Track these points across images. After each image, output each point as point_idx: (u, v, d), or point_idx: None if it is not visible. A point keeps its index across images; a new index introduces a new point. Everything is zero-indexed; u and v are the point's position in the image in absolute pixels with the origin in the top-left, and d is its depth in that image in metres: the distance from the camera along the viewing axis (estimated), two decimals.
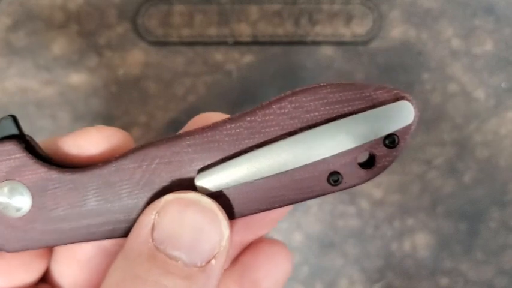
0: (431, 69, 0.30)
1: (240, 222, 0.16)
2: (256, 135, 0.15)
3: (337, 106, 0.15)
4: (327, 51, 0.30)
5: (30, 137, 0.17)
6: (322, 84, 0.15)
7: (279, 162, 0.15)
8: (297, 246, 0.30)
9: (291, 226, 0.30)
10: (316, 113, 0.15)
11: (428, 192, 0.30)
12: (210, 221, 0.15)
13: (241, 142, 0.15)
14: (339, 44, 0.30)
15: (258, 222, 0.19)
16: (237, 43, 0.30)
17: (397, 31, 0.30)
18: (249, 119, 0.15)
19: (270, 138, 0.15)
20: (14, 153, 0.16)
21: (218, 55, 0.31)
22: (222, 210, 0.15)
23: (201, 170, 0.16)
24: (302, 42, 0.30)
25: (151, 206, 0.15)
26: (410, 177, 0.30)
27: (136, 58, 0.31)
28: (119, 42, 0.31)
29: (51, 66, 0.30)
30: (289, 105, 0.15)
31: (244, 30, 0.30)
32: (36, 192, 0.16)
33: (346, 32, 0.30)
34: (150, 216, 0.15)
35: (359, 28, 0.30)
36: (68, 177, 0.16)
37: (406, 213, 0.30)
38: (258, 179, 0.15)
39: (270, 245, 0.19)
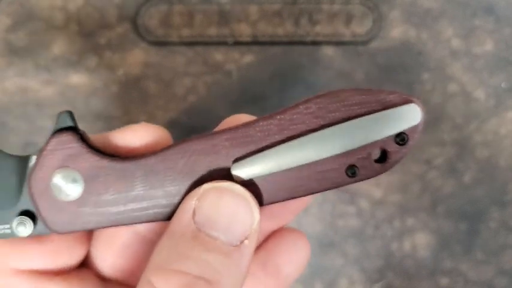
0: (431, 69, 0.30)
1: (264, 212, 0.18)
2: (285, 131, 0.18)
3: (355, 107, 0.18)
4: (327, 51, 0.30)
5: (84, 131, 0.18)
6: (343, 89, 0.18)
7: (304, 155, 0.17)
8: None
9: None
10: (337, 113, 0.18)
11: (428, 192, 0.30)
12: (243, 206, 0.17)
13: (272, 137, 0.18)
14: (339, 44, 0.30)
15: (281, 213, 0.21)
16: (237, 43, 0.30)
17: (397, 31, 0.30)
18: (278, 117, 0.18)
19: (296, 134, 0.18)
20: (70, 142, 0.18)
21: (218, 55, 0.31)
22: (253, 197, 0.17)
23: (236, 160, 0.18)
24: (302, 42, 0.30)
25: (192, 193, 0.17)
26: (410, 177, 0.30)
27: (137, 58, 0.31)
28: (119, 43, 0.31)
29: (51, 66, 0.30)
30: (314, 106, 0.18)
31: (244, 30, 0.30)
32: (88, 179, 0.18)
33: (346, 32, 0.30)
34: (191, 202, 0.17)
35: (359, 28, 0.30)
36: (118, 165, 0.18)
37: (406, 213, 0.30)
38: (286, 170, 0.18)
39: (291, 234, 0.21)
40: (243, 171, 0.17)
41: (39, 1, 0.30)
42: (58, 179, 0.18)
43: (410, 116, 0.17)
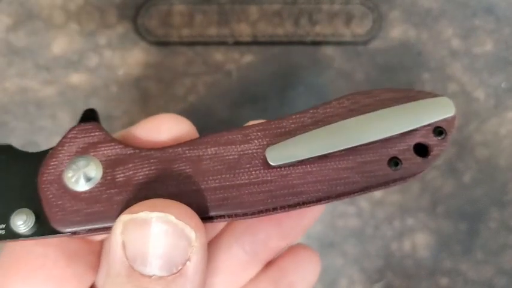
0: (431, 69, 0.30)
1: (274, 231, 0.18)
2: (319, 123, 0.17)
3: (388, 102, 0.17)
4: (327, 51, 0.30)
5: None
6: (374, 89, 0.18)
7: (342, 139, 0.17)
8: None
9: None
10: (372, 107, 0.17)
11: (428, 192, 0.30)
12: (169, 231, 0.15)
13: (306, 128, 0.17)
14: (339, 44, 0.30)
15: (293, 230, 0.20)
16: (237, 43, 0.30)
17: (397, 31, 0.30)
18: (312, 111, 0.17)
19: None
20: (94, 131, 0.17)
21: (218, 55, 0.30)
22: (186, 214, 0.15)
23: (270, 145, 0.17)
24: (302, 42, 0.30)
25: (114, 226, 0.15)
26: None
27: (137, 58, 0.30)
28: (119, 42, 0.30)
29: (51, 66, 0.30)
30: (347, 102, 0.17)
31: (244, 30, 0.30)
32: (108, 167, 0.17)
33: (346, 32, 0.30)
34: (117, 236, 0.15)
35: (359, 28, 0.30)
36: (143, 153, 0.17)
37: (406, 213, 0.30)
38: (324, 157, 0.17)
39: (304, 251, 0.21)
40: (279, 153, 0.16)
41: (39, 1, 0.30)
42: (75, 165, 0.16)
43: (443, 109, 0.17)
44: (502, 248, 0.30)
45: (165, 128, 0.18)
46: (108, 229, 0.16)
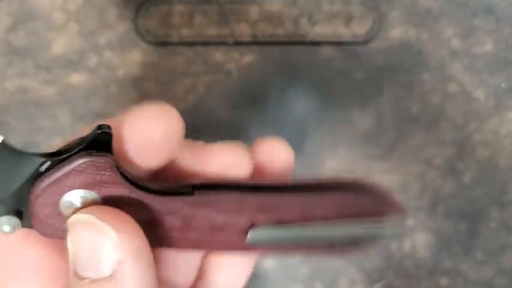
0: (431, 69, 0.30)
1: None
2: (310, 218, 0.19)
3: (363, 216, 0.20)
4: (327, 51, 0.31)
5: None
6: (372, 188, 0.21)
7: (313, 239, 0.19)
8: None
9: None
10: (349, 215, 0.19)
11: (428, 192, 0.30)
12: (96, 233, 0.15)
13: (296, 213, 0.19)
14: (339, 44, 0.31)
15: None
16: (237, 43, 0.31)
17: (397, 31, 0.31)
18: (304, 197, 0.19)
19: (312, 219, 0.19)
20: (105, 170, 0.16)
21: (218, 55, 0.31)
22: (109, 215, 0.15)
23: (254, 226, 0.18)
24: (302, 42, 0.31)
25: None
26: (410, 177, 0.30)
27: (137, 58, 0.31)
28: (119, 42, 0.31)
29: (51, 66, 0.30)
30: (337, 201, 0.20)
31: (244, 30, 0.31)
32: (106, 203, 0.16)
33: (346, 32, 0.31)
34: (67, 239, 0.16)
35: (359, 28, 0.31)
36: (144, 201, 0.16)
37: (406, 213, 0.30)
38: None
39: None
40: (257, 240, 0.18)
41: (39, 1, 0.30)
42: (74, 198, 0.16)
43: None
44: (502, 248, 0.30)
45: (156, 127, 0.17)
46: None
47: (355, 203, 0.20)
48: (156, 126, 0.17)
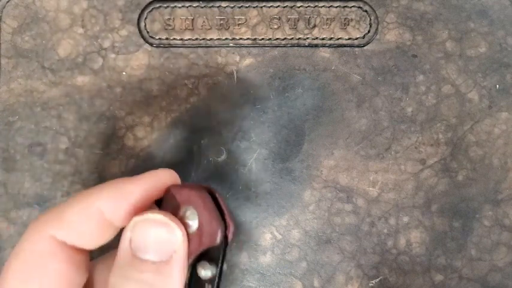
0: (426, 71, 0.30)
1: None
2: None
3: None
4: (324, 54, 0.31)
5: None
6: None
7: None
8: (295, 243, 0.30)
9: (290, 223, 0.31)
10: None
11: (422, 191, 0.30)
12: (165, 229, 0.20)
13: None
14: (336, 46, 0.31)
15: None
16: (237, 46, 0.31)
17: (392, 34, 0.30)
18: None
19: None
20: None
21: (219, 58, 0.31)
22: (175, 219, 0.21)
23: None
24: (300, 45, 0.31)
25: (127, 225, 0.21)
26: (405, 176, 0.30)
27: (140, 60, 0.31)
28: (122, 45, 0.31)
29: (56, 68, 0.30)
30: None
31: (244, 34, 0.31)
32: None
33: (343, 35, 0.31)
34: (127, 233, 0.21)
35: (356, 31, 0.31)
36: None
37: (401, 211, 0.30)
38: None
39: None
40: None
41: (45, 4, 0.30)
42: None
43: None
44: (495, 246, 0.30)
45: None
46: None
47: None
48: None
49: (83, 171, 0.31)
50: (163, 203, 0.22)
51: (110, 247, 0.23)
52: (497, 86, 0.30)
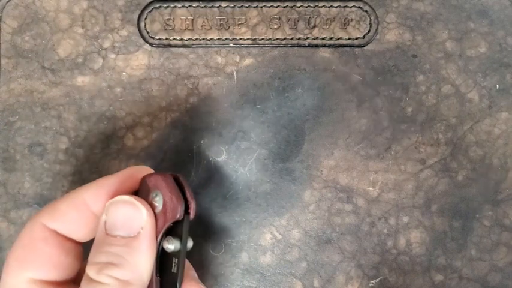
0: (426, 71, 0.30)
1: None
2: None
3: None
4: (324, 54, 0.31)
5: None
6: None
7: None
8: (295, 243, 0.30)
9: (290, 223, 0.31)
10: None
11: (422, 191, 0.30)
12: (131, 207, 0.23)
13: None
14: (336, 46, 0.31)
15: None
16: (237, 46, 0.31)
17: (392, 34, 0.31)
18: None
19: None
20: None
21: (219, 58, 0.31)
22: (141, 200, 0.23)
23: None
24: (300, 45, 0.31)
25: (104, 210, 0.23)
26: (405, 176, 0.30)
27: (140, 60, 0.31)
28: (122, 45, 0.31)
29: (56, 68, 0.30)
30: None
31: (244, 34, 0.31)
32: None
33: (343, 35, 0.31)
34: (103, 216, 0.23)
35: (356, 31, 0.31)
36: None
37: (402, 211, 0.30)
38: None
39: None
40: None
41: (45, 4, 0.30)
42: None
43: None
44: (495, 246, 0.30)
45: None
46: None
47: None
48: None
49: (83, 171, 0.31)
50: (139, 191, 0.25)
51: None
52: (497, 86, 0.30)
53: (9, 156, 0.30)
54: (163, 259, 0.24)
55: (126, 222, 0.23)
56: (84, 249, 0.25)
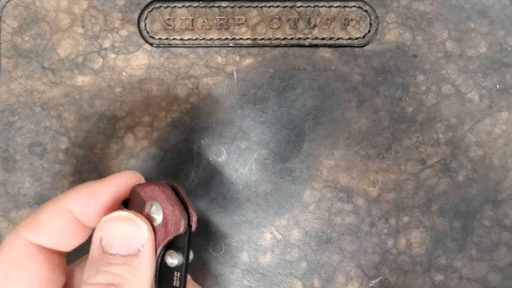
0: (426, 71, 0.30)
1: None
2: None
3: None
4: (325, 53, 0.31)
5: None
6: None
7: None
8: (295, 243, 0.31)
9: (290, 223, 0.31)
10: None
11: (423, 191, 0.30)
12: (130, 225, 0.22)
13: None
14: (336, 46, 0.31)
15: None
16: (238, 46, 0.31)
17: (392, 34, 0.31)
18: None
19: None
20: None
21: (219, 58, 0.31)
22: (139, 215, 0.22)
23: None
24: (300, 45, 0.31)
25: (97, 226, 0.22)
26: (405, 176, 0.30)
27: (140, 60, 0.31)
28: (122, 45, 0.31)
29: (56, 68, 0.31)
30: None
31: (244, 34, 0.31)
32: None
33: (343, 35, 0.31)
34: (97, 233, 0.22)
35: (356, 31, 0.31)
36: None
37: (402, 211, 0.30)
38: None
39: None
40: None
41: (45, 4, 0.31)
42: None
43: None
44: (496, 246, 0.30)
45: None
46: None
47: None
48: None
49: (83, 171, 0.31)
50: (129, 201, 0.23)
51: (86, 250, 0.23)
52: (498, 86, 0.30)
53: (9, 156, 0.31)
54: (162, 272, 0.23)
55: (125, 240, 0.22)
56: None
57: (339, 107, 0.31)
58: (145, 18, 0.31)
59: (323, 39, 0.31)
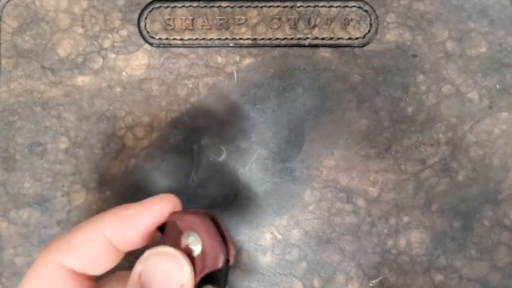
0: (426, 71, 0.30)
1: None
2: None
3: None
4: (325, 53, 0.31)
5: None
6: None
7: None
8: (295, 243, 0.31)
9: (290, 223, 0.31)
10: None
11: (423, 191, 0.30)
12: (174, 262, 0.21)
13: None
14: (336, 46, 0.31)
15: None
16: (238, 46, 0.31)
17: (392, 34, 0.31)
18: None
19: None
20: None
21: (219, 57, 0.31)
22: (183, 253, 0.21)
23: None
24: (300, 45, 0.31)
25: (139, 259, 0.21)
26: (405, 176, 0.30)
27: (140, 60, 0.31)
28: (122, 45, 0.31)
29: (56, 68, 0.31)
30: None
31: (244, 34, 0.31)
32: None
33: (343, 35, 0.31)
34: (137, 267, 0.21)
35: (356, 31, 0.31)
36: None
37: (402, 211, 0.30)
38: None
39: None
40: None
41: (45, 4, 0.31)
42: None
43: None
44: (495, 246, 0.30)
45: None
46: None
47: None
48: None
49: (83, 171, 0.31)
50: (166, 229, 0.23)
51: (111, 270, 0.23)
52: (498, 86, 0.30)
53: (9, 156, 0.31)
54: None
55: (166, 279, 0.21)
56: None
57: (339, 107, 0.31)
58: (145, 18, 0.31)
59: (323, 39, 0.31)
